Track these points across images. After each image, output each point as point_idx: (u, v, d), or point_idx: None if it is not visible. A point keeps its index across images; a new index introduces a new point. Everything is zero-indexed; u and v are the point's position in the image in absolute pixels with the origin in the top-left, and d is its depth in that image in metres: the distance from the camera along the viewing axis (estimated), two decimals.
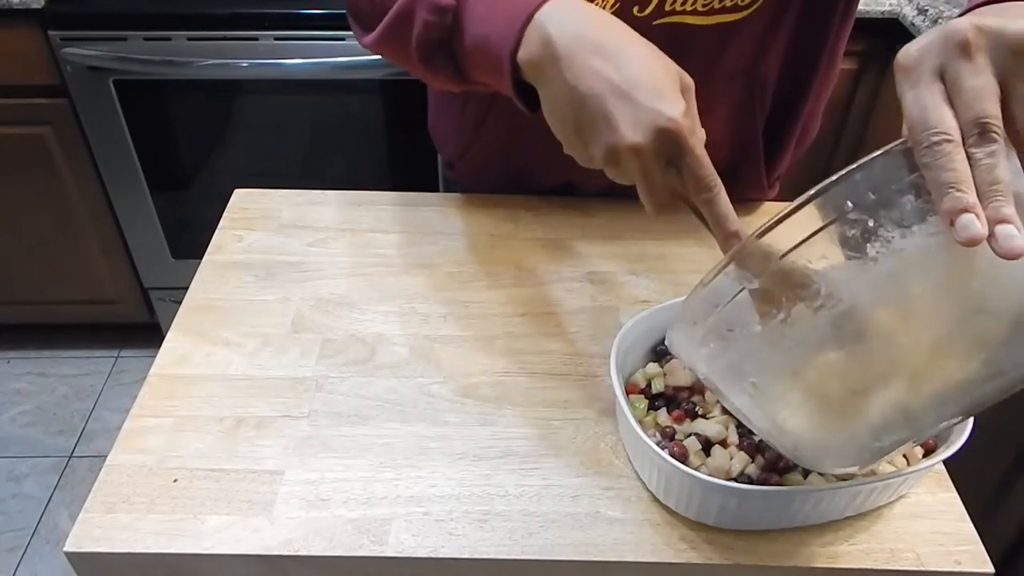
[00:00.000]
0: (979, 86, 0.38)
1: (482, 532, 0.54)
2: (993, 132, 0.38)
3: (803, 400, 0.44)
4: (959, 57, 0.39)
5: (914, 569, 0.53)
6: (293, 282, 0.73)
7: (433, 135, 0.92)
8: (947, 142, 0.38)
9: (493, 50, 0.55)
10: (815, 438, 0.45)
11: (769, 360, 0.43)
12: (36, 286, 1.75)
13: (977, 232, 0.36)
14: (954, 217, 0.37)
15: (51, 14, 1.38)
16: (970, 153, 0.38)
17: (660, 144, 0.49)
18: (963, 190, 0.37)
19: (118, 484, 0.56)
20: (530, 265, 0.76)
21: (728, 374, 0.46)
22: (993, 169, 0.37)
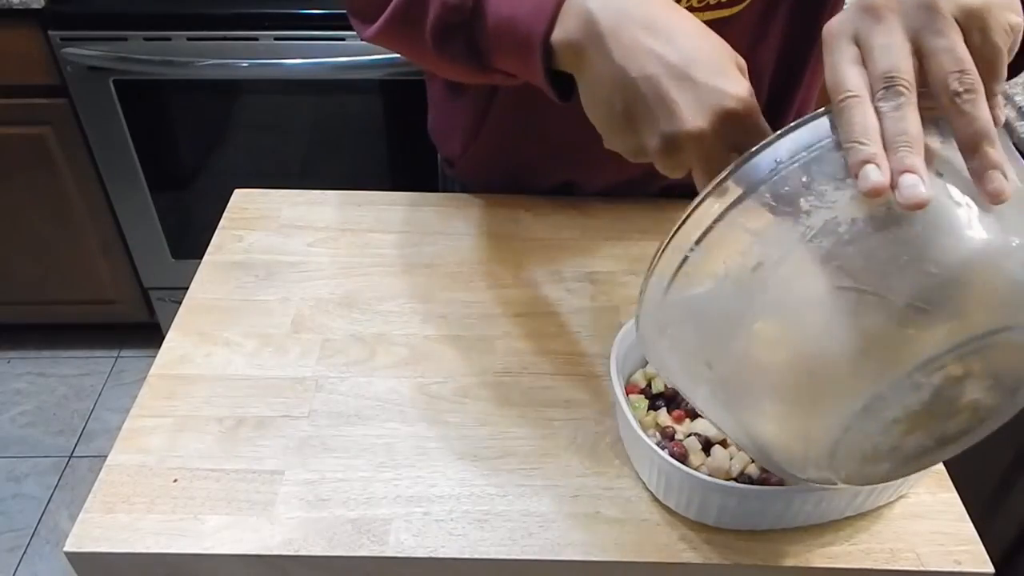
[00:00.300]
0: (886, 43, 0.39)
1: (482, 532, 0.54)
2: (900, 86, 0.38)
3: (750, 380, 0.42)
4: (870, 20, 0.40)
5: (914, 569, 0.53)
6: (293, 282, 0.73)
7: (432, 133, 0.92)
8: (851, 98, 0.38)
9: (521, 31, 0.50)
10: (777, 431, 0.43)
11: (716, 333, 0.42)
12: (36, 286, 1.75)
13: (877, 181, 0.36)
14: (857, 170, 0.37)
15: (51, 14, 1.38)
16: (877, 107, 0.38)
17: (726, 128, 0.44)
18: (864, 142, 0.37)
19: (118, 484, 0.56)
20: (530, 265, 0.76)
21: (686, 362, 0.45)
22: (899, 121, 0.37)
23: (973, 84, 0.37)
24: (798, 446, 0.43)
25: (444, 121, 0.88)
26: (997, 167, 0.37)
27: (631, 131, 0.47)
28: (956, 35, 0.38)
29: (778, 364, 0.41)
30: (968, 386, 0.40)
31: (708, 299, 0.42)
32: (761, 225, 0.40)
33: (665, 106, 0.44)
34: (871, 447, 0.41)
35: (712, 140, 0.44)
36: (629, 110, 0.46)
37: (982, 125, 0.37)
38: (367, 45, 1.43)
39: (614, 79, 0.46)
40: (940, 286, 0.36)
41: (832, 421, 0.40)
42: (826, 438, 0.40)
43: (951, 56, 0.38)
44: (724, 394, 0.44)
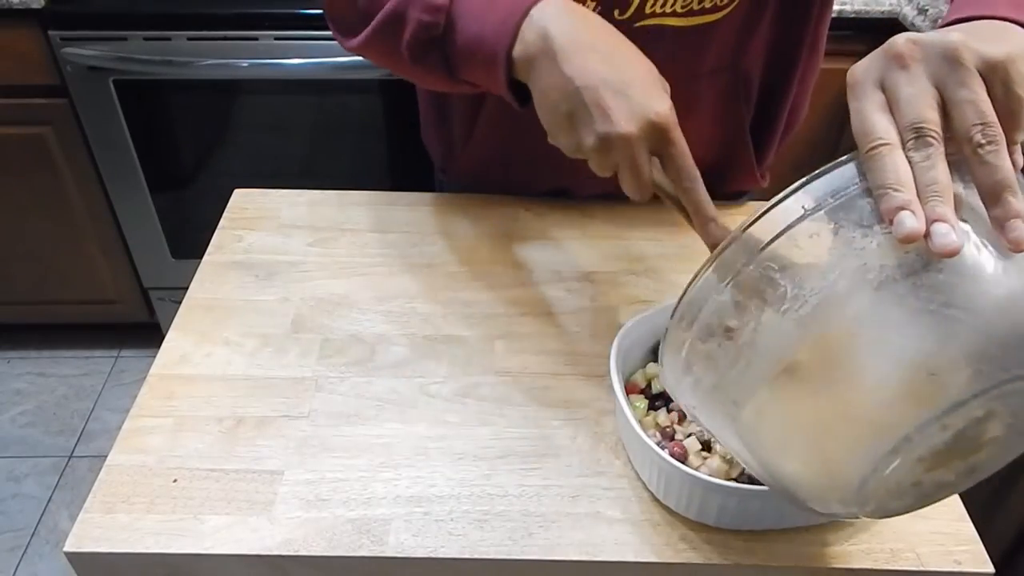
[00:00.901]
0: (914, 93, 0.40)
1: (482, 532, 0.54)
2: (929, 136, 0.39)
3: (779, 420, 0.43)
4: (896, 68, 0.41)
5: (914, 569, 0.53)
6: (293, 282, 0.73)
7: (425, 140, 0.92)
8: (883, 146, 0.40)
9: (487, 47, 0.57)
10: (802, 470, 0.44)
11: (744, 374, 0.43)
12: (36, 286, 1.75)
13: (913, 228, 0.37)
14: (892, 216, 0.38)
15: (51, 14, 1.38)
16: (908, 157, 0.39)
17: (650, 135, 0.52)
18: (899, 190, 0.38)
19: (118, 484, 0.56)
20: (530, 265, 0.76)
21: (711, 399, 0.46)
22: (929, 170, 0.39)
23: (995, 136, 0.39)
24: (824, 483, 0.44)
25: (434, 129, 0.88)
26: (1019, 216, 0.38)
27: (572, 131, 0.54)
28: (979, 87, 0.40)
29: (806, 407, 0.42)
30: (990, 425, 0.41)
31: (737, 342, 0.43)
32: (788, 271, 0.40)
33: (601, 111, 0.52)
34: (895, 484, 0.42)
35: (638, 144, 0.52)
36: (572, 113, 0.53)
37: (1004, 176, 0.38)
38: None
39: (562, 87, 0.53)
40: (967, 333, 0.37)
41: (860, 462, 0.40)
42: (853, 478, 0.41)
43: (974, 108, 0.39)
44: (750, 435, 0.45)
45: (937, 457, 0.41)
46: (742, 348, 0.42)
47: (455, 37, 0.59)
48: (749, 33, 0.72)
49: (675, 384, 0.48)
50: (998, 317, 0.37)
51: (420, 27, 0.60)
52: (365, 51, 0.68)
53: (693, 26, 0.68)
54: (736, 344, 0.43)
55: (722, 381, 0.44)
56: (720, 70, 0.73)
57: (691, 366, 0.46)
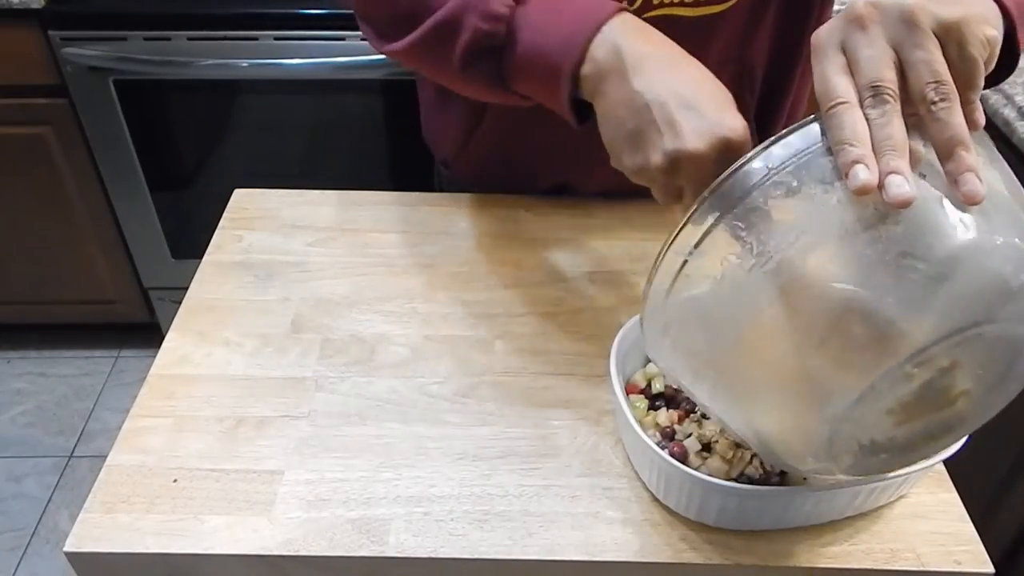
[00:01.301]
0: (872, 55, 0.42)
1: (482, 532, 0.54)
2: (885, 94, 0.41)
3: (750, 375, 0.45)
4: (855, 30, 0.43)
5: (914, 569, 0.53)
6: (293, 282, 0.73)
7: (426, 136, 0.92)
8: (841, 104, 0.41)
9: (552, 61, 0.55)
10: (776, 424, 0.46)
11: (716, 331, 0.44)
12: (36, 286, 1.75)
13: (867, 179, 0.39)
14: (847, 170, 0.40)
15: (51, 14, 1.38)
16: (866, 114, 0.41)
17: (721, 154, 0.49)
18: (854, 144, 0.40)
19: (118, 484, 0.56)
20: (530, 265, 0.76)
21: (689, 360, 0.47)
22: (885, 127, 0.40)
23: (947, 93, 0.40)
24: (797, 438, 0.45)
25: (436, 124, 0.88)
26: (971, 170, 0.39)
27: (639, 149, 0.51)
28: (934, 47, 0.41)
29: (774, 360, 0.43)
30: (958, 376, 0.42)
31: (708, 300, 0.44)
32: (754, 228, 0.42)
33: (672, 128, 0.49)
34: (867, 438, 0.43)
35: (708, 163, 0.49)
36: (639, 130, 0.51)
37: (956, 131, 0.40)
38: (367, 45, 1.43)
39: (630, 103, 0.51)
40: (925, 281, 0.39)
41: (828, 413, 0.42)
42: (822, 430, 0.42)
43: (928, 68, 0.41)
44: (725, 391, 0.46)
45: (907, 409, 0.42)
46: (711, 308, 0.44)
47: (515, 49, 0.57)
48: (755, 25, 0.72)
49: (654, 348, 0.49)
50: (956, 265, 0.39)
51: (479, 35, 0.57)
52: (406, 55, 0.65)
53: (700, 16, 0.68)
54: (707, 302, 0.44)
55: (695, 343, 0.46)
56: (726, 62, 0.73)
57: (668, 329, 0.47)
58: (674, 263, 0.45)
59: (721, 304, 0.43)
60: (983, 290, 0.39)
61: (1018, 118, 1.06)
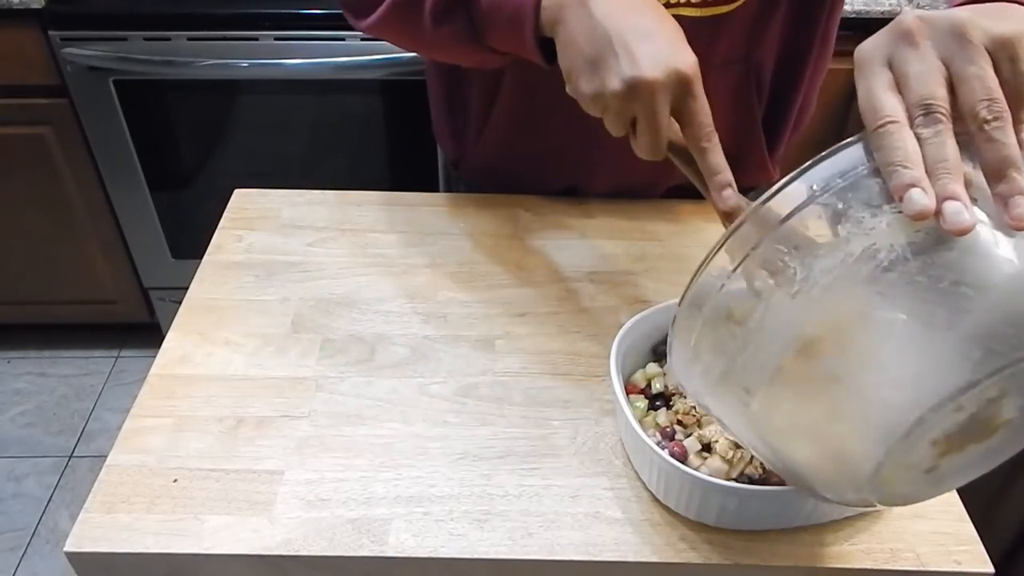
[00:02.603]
0: (922, 71, 0.40)
1: (482, 532, 0.54)
2: (937, 112, 0.39)
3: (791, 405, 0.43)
4: (904, 46, 0.41)
5: (914, 569, 0.53)
6: (293, 282, 0.73)
7: (436, 134, 0.92)
8: (891, 123, 0.39)
9: (513, 2, 0.57)
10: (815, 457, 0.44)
11: (755, 359, 0.42)
12: (36, 286, 1.75)
13: (924, 205, 0.37)
14: (902, 193, 0.38)
15: (51, 14, 1.38)
16: (917, 134, 0.39)
17: (675, 84, 0.51)
18: (909, 167, 0.38)
19: (118, 484, 0.56)
20: (530, 265, 0.76)
21: (721, 387, 0.45)
22: (940, 147, 0.39)
23: (1001, 112, 0.39)
24: (836, 471, 0.43)
25: (445, 122, 0.88)
26: (1022, 193, 0.38)
27: (595, 75, 0.53)
28: (986, 63, 0.39)
29: (818, 392, 0.41)
30: (1003, 406, 0.40)
31: (747, 327, 0.42)
32: (798, 252, 0.40)
33: (629, 55, 0.51)
34: (909, 469, 0.42)
35: (662, 91, 0.51)
36: (598, 57, 0.52)
37: (1009, 152, 0.38)
38: (367, 45, 1.43)
39: (591, 31, 0.53)
40: (979, 311, 0.37)
41: (873, 448, 0.40)
42: (867, 465, 0.40)
43: (981, 84, 0.39)
44: (759, 420, 0.44)
45: (951, 440, 0.40)
46: (752, 333, 0.42)
47: None
48: (762, 25, 0.72)
49: (684, 373, 0.48)
50: (1009, 295, 0.37)
51: None
52: (383, 26, 0.67)
53: (708, 16, 0.69)
54: (746, 329, 0.42)
55: (732, 368, 0.44)
56: (733, 62, 0.73)
57: (700, 354, 0.45)
58: (710, 286, 0.43)
59: (760, 331, 0.42)
60: None
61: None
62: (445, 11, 0.61)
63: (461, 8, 0.60)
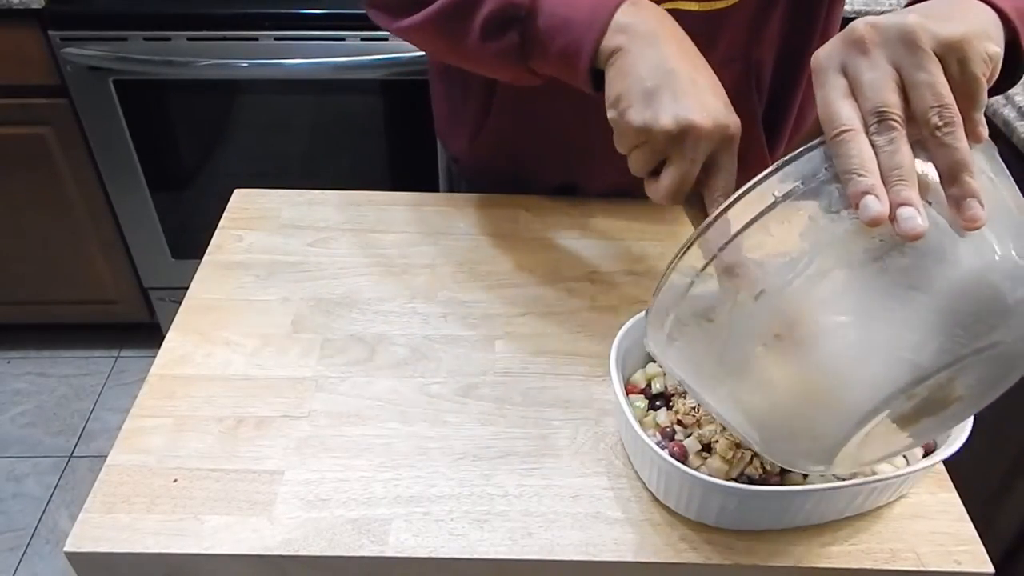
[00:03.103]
0: (875, 78, 0.41)
1: (482, 532, 0.54)
2: (891, 120, 0.40)
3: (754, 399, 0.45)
4: (856, 54, 0.42)
5: (914, 569, 0.53)
6: (293, 282, 0.73)
7: (437, 130, 0.92)
8: (847, 132, 0.41)
9: (576, 31, 0.56)
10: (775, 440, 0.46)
11: (721, 354, 0.45)
12: (36, 286, 1.75)
13: (878, 211, 0.38)
14: (857, 200, 0.39)
15: (51, 14, 1.38)
16: (872, 141, 0.40)
17: (718, 137, 0.52)
18: (863, 174, 0.39)
19: (118, 484, 0.56)
20: (530, 265, 0.76)
21: (695, 372, 0.48)
22: (894, 155, 0.40)
23: (952, 118, 0.40)
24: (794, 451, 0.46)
25: (447, 118, 0.88)
26: (974, 195, 0.39)
27: (649, 107, 0.52)
28: (936, 68, 0.41)
29: (779, 386, 0.44)
30: (956, 387, 0.43)
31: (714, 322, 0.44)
32: (761, 256, 0.42)
33: (687, 99, 0.51)
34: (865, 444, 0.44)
35: (706, 142, 0.51)
36: (655, 90, 0.52)
37: (960, 156, 0.40)
38: (367, 45, 1.43)
39: (656, 65, 0.53)
40: (931, 311, 0.39)
41: (831, 436, 0.42)
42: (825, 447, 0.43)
43: (931, 90, 0.40)
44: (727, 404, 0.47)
45: (905, 419, 0.43)
46: (718, 330, 0.44)
47: (538, 20, 0.58)
48: (761, 22, 0.72)
49: (660, 354, 0.50)
50: (960, 295, 0.39)
51: (502, 5, 0.58)
52: (420, 31, 0.66)
53: (707, 12, 0.69)
54: (714, 325, 0.44)
55: (702, 359, 0.46)
56: (732, 60, 0.73)
57: (673, 340, 0.47)
58: (680, 283, 0.45)
59: (728, 327, 0.44)
60: (983, 311, 0.39)
61: (1018, 118, 1.06)
62: (498, 27, 0.60)
63: (515, 26, 0.59)
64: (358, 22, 1.37)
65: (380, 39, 1.38)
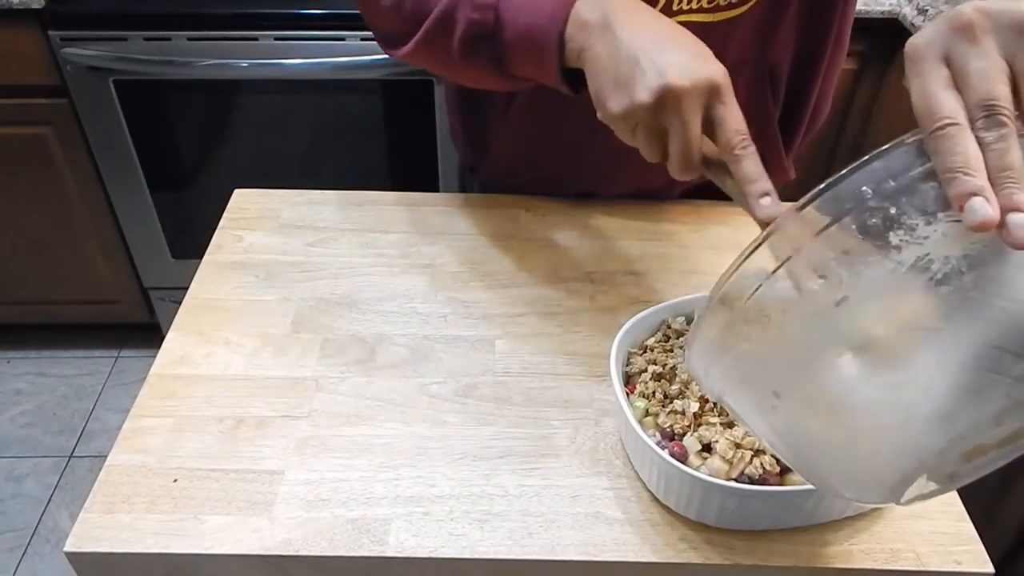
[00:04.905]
0: (984, 67, 0.37)
1: (482, 532, 0.54)
2: (1001, 114, 0.36)
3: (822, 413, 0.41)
4: (963, 40, 0.38)
5: (914, 569, 0.53)
6: (293, 282, 0.73)
7: (452, 139, 0.93)
8: (951, 125, 0.37)
9: (539, 36, 0.57)
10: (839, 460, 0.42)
11: (789, 365, 0.40)
12: (36, 286, 1.75)
13: (988, 216, 0.34)
14: (963, 202, 0.35)
15: (51, 14, 1.38)
16: (979, 137, 0.36)
17: (704, 91, 0.50)
18: (970, 174, 0.35)
19: (118, 484, 0.56)
20: (530, 265, 0.76)
21: (746, 387, 0.43)
22: (1005, 154, 0.36)
23: None
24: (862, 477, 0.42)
25: (461, 128, 0.88)
26: None
27: (624, 91, 0.52)
28: None
29: (859, 401, 0.39)
30: None
31: (783, 330, 0.40)
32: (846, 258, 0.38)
33: (656, 67, 0.50)
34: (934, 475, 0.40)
35: (692, 99, 0.50)
36: (625, 73, 0.51)
37: None
38: (367, 45, 1.43)
39: (616, 51, 0.52)
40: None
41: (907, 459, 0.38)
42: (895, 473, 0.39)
43: None
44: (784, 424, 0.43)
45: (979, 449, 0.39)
46: (789, 337, 0.40)
47: (504, 32, 0.59)
48: (774, 26, 0.72)
49: (704, 368, 0.46)
50: None
51: (469, 25, 0.60)
52: (415, 57, 0.68)
53: (719, 21, 0.68)
54: (783, 332, 0.40)
55: (762, 370, 0.42)
56: (745, 63, 0.73)
57: (726, 351, 0.43)
58: (745, 285, 0.41)
59: (800, 337, 0.40)
60: None
61: None
62: (472, 45, 0.61)
63: (486, 42, 0.60)
64: (358, 22, 1.37)
65: None
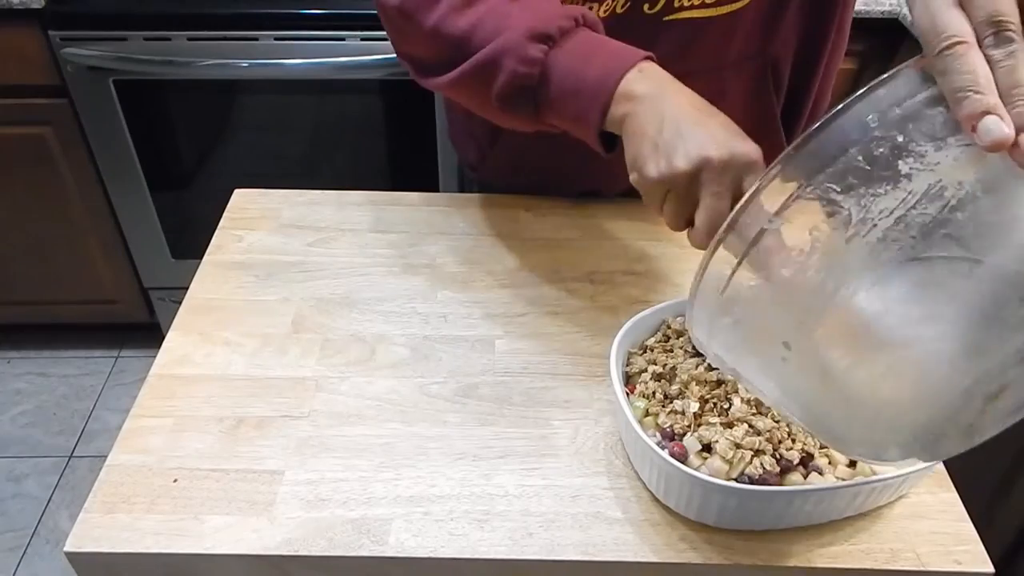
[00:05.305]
0: None
1: (482, 532, 0.54)
2: (1008, 30, 0.35)
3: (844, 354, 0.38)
4: None
5: (914, 569, 0.53)
6: (293, 282, 0.73)
7: (452, 139, 0.93)
8: (959, 43, 0.35)
9: (585, 101, 0.57)
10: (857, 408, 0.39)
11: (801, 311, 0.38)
12: (36, 286, 1.75)
13: (1002, 134, 0.33)
14: (975, 122, 0.34)
15: (51, 14, 1.37)
16: (988, 55, 0.35)
17: (740, 165, 0.50)
18: (981, 92, 0.34)
19: (118, 484, 0.56)
20: (530, 265, 0.76)
21: (752, 341, 0.41)
22: (1015, 71, 0.34)
23: None
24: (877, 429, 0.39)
25: (460, 130, 0.88)
26: None
27: (663, 157, 0.52)
28: None
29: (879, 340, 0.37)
30: None
31: (791, 274, 0.38)
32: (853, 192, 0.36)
33: (697, 139, 0.51)
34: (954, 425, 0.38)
35: (728, 171, 0.49)
36: (666, 140, 0.52)
37: None
38: (367, 45, 1.43)
39: (659, 121, 0.53)
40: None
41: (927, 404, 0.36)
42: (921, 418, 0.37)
43: None
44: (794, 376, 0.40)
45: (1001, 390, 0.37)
46: (798, 283, 0.38)
47: (550, 89, 0.59)
48: (776, 19, 0.72)
49: (708, 326, 0.44)
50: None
51: (514, 76, 0.59)
52: (451, 90, 0.67)
53: (720, 15, 0.68)
54: (791, 278, 0.38)
55: (770, 321, 0.40)
56: (747, 58, 0.73)
57: (732, 305, 0.41)
58: (747, 233, 0.39)
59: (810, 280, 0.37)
60: None
61: None
62: (512, 96, 0.61)
63: (528, 95, 0.60)
64: (358, 22, 1.37)
65: (380, 39, 1.38)
